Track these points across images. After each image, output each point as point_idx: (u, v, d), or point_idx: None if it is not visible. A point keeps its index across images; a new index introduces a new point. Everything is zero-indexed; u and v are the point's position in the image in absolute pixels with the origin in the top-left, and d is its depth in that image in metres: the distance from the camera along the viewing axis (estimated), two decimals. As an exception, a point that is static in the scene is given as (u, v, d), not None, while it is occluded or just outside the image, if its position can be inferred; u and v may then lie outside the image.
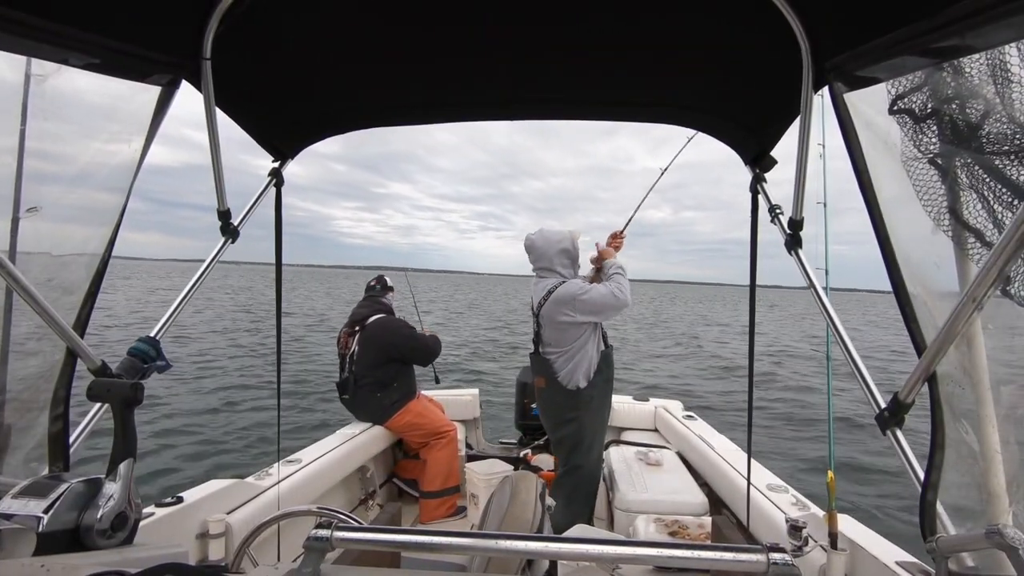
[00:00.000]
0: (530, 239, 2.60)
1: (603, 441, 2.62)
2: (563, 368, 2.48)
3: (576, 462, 2.51)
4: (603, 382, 2.53)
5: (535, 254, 2.58)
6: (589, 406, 2.49)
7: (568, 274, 2.54)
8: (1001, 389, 0.83)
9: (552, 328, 2.48)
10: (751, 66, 1.23)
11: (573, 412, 2.49)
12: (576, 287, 2.43)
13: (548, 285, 2.49)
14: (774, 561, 0.59)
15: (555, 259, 2.53)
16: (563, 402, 2.50)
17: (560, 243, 2.53)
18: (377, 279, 3.45)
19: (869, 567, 1.42)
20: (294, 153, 1.62)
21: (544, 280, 2.54)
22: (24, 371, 0.99)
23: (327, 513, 1.38)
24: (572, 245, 2.56)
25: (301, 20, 1.14)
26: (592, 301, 2.39)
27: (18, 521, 0.73)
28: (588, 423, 2.50)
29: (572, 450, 2.52)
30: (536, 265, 2.59)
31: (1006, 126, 0.72)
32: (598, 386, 2.50)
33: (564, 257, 2.54)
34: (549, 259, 2.53)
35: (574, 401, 2.48)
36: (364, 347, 3.14)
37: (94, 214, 1.03)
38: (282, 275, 1.63)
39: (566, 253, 2.54)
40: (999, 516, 0.81)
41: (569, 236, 2.55)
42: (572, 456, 2.53)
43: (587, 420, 2.50)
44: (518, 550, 0.66)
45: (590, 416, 2.51)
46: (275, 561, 1.85)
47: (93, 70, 0.96)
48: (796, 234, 1.30)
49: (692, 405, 3.74)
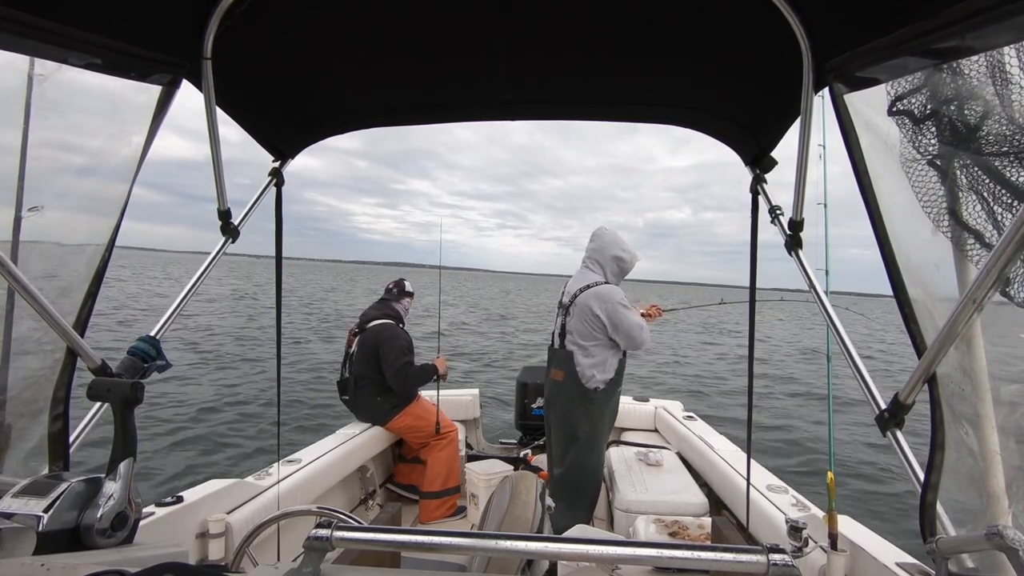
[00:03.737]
0: (602, 229, 2.68)
1: (605, 445, 2.65)
2: (584, 364, 2.50)
3: (580, 461, 2.53)
4: (616, 388, 2.58)
5: (597, 243, 2.64)
6: (603, 407, 2.53)
7: (613, 280, 2.60)
8: (1001, 390, 0.83)
9: (581, 320, 2.52)
10: (751, 67, 1.23)
11: (586, 410, 2.51)
12: (620, 295, 2.50)
13: (591, 279, 2.56)
14: (774, 562, 0.59)
15: (610, 260, 2.60)
16: (578, 398, 2.52)
17: (623, 251, 2.61)
18: (396, 283, 3.42)
19: (869, 568, 1.42)
20: (294, 153, 1.62)
21: (588, 273, 2.61)
22: (24, 370, 0.99)
23: (327, 513, 1.38)
24: (630, 261, 2.64)
25: (301, 20, 1.14)
26: (626, 317, 2.45)
27: (18, 520, 0.73)
28: (599, 423, 2.54)
29: (572, 446, 2.54)
30: (590, 255, 2.64)
31: (1005, 127, 0.72)
32: (612, 390, 2.55)
33: (616, 264, 2.61)
34: (606, 257, 2.60)
35: (589, 399, 2.50)
36: (361, 350, 3.15)
37: (94, 214, 1.03)
38: (282, 276, 1.64)
39: (620, 261, 2.61)
40: (999, 517, 0.81)
41: (632, 254, 2.65)
42: (571, 452, 2.54)
43: (598, 420, 2.53)
44: (518, 550, 0.66)
45: (601, 417, 2.55)
46: (275, 561, 1.85)
47: (94, 70, 0.96)
48: (796, 235, 1.30)
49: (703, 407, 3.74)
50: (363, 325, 3.21)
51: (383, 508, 1.34)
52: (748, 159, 1.53)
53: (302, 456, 2.54)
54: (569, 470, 2.55)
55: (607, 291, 2.49)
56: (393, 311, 3.27)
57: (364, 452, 2.95)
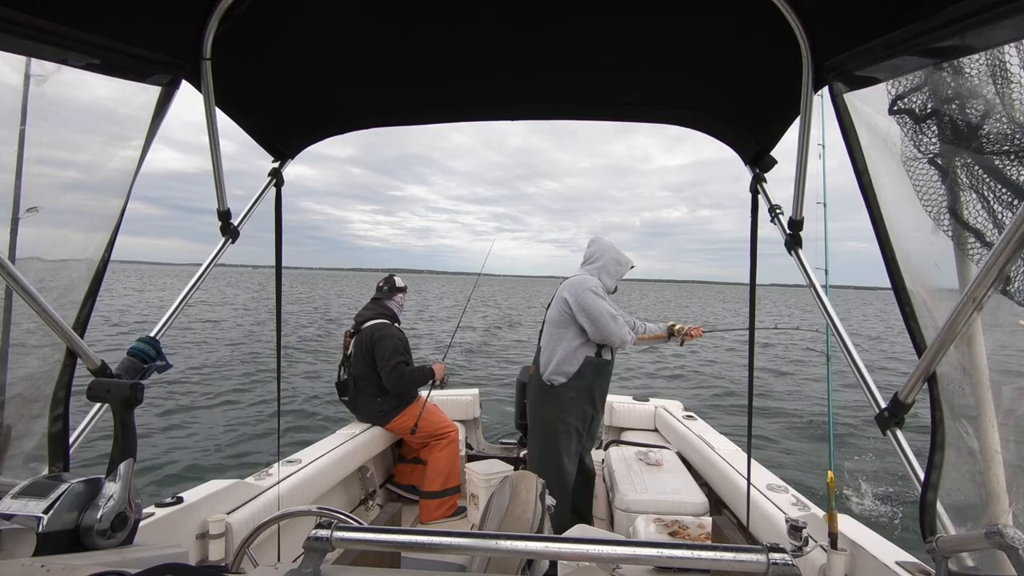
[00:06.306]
0: (599, 237, 2.74)
1: (560, 451, 2.51)
2: (547, 358, 2.52)
3: (535, 457, 2.55)
4: (584, 386, 2.49)
5: (594, 248, 2.67)
6: (564, 404, 2.48)
7: (608, 282, 2.61)
8: (1001, 389, 0.83)
9: (554, 308, 2.54)
10: (751, 66, 1.23)
11: (545, 405, 2.50)
12: (594, 282, 2.49)
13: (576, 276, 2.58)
14: (774, 561, 0.59)
15: (607, 263, 2.61)
16: (539, 391, 2.54)
17: (618, 258, 2.64)
18: (386, 280, 3.41)
19: (869, 567, 1.42)
20: (294, 153, 1.62)
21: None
22: (24, 371, 0.99)
23: (327, 513, 1.38)
24: (625, 267, 2.67)
25: (300, 20, 1.14)
26: (594, 302, 2.42)
27: (18, 521, 0.73)
28: (557, 420, 2.48)
29: (533, 441, 2.57)
30: (587, 261, 2.66)
31: (1006, 126, 0.72)
32: (576, 387, 2.47)
33: (614, 266, 2.63)
34: (603, 260, 2.62)
35: (548, 394, 2.49)
36: (358, 351, 3.15)
37: (95, 214, 1.03)
38: (282, 275, 1.64)
39: (617, 264, 2.63)
40: (999, 516, 0.81)
41: (628, 260, 2.69)
42: (534, 448, 2.57)
43: (556, 417, 2.48)
44: (518, 550, 0.66)
45: (561, 414, 2.48)
46: (275, 561, 1.85)
47: (93, 70, 0.96)
48: (796, 234, 1.30)
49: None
50: (358, 326, 3.21)
51: (383, 508, 1.34)
52: (748, 158, 1.52)
53: (302, 456, 2.54)
54: (530, 464, 2.58)
55: (580, 279, 2.51)
56: (387, 309, 3.27)
57: (364, 452, 2.95)
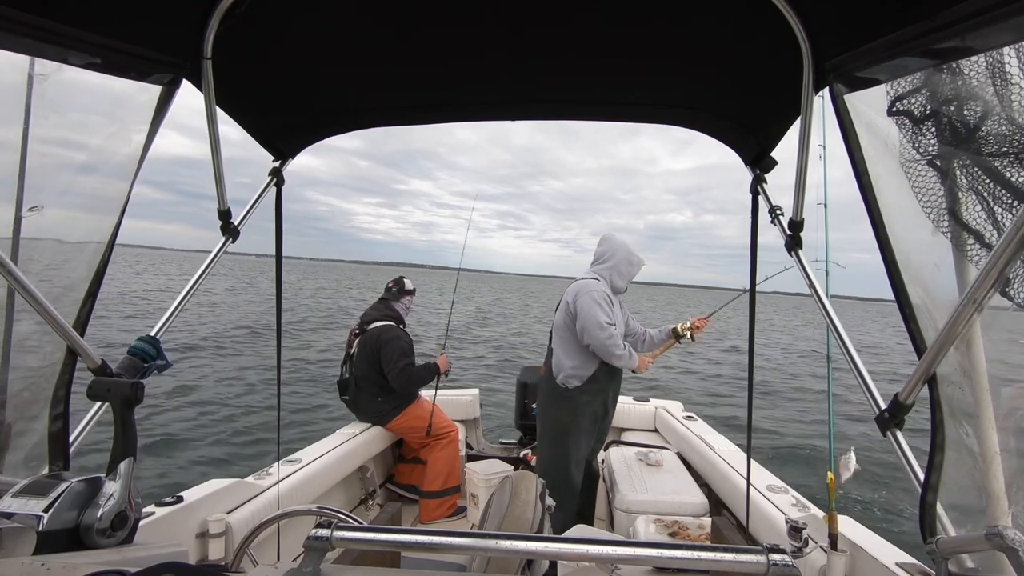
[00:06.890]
0: (610, 235, 2.64)
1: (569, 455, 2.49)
2: (561, 360, 2.50)
3: (546, 458, 2.53)
4: (597, 391, 2.49)
5: (605, 246, 2.60)
6: (577, 407, 2.46)
7: (619, 283, 2.57)
8: (1001, 390, 0.83)
9: (561, 312, 2.53)
10: (751, 67, 1.23)
11: (558, 406, 2.49)
12: (595, 286, 2.45)
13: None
14: (774, 562, 0.59)
15: (618, 263, 2.55)
16: (552, 393, 2.52)
17: (630, 258, 2.57)
18: (395, 281, 3.40)
19: (869, 568, 1.42)
20: (294, 152, 1.62)
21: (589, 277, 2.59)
22: (24, 370, 0.99)
23: (327, 513, 1.38)
24: (637, 267, 2.60)
25: (301, 20, 1.14)
26: (589, 308, 2.39)
27: (18, 520, 0.73)
28: (571, 422, 2.46)
29: (544, 442, 2.55)
30: (597, 260, 2.60)
31: (1005, 128, 0.72)
32: (591, 390, 2.46)
33: (625, 266, 2.57)
34: (615, 260, 2.55)
35: (561, 396, 2.48)
36: (362, 351, 3.15)
37: (95, 213, 1.03)
38: (282, 275, 1.64)
39: (629, 264, 2.57)
40: (999, 517, 0.81)
41: (640, 260, 2.61)
42: (544, 449, 2.55)
43: (570, 419, 2.46)
44: (518, 550, 0.66)
45: (574, 416, 2.46)
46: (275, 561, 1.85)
47: (94, 69, 0.96)
48: (796, 235, 1.30)
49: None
50: (364, 326, 3.21)
51: (383, 508, 1.34)
52: (748, 159, 1.53)
53: (302, 456, 2.54)
54: (540, 467, 2.56)
55: (583, 283, 2.48)
56: (393, 311, 3.27)
57: (364, 452, 2.95)
